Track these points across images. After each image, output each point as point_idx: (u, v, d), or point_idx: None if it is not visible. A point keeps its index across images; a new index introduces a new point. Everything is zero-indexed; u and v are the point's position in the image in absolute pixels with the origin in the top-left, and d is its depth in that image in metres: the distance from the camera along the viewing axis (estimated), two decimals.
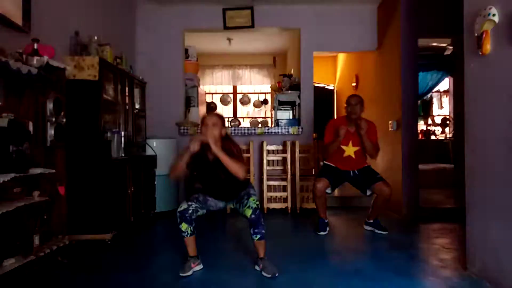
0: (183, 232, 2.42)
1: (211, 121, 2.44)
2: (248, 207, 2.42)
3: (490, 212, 2.23)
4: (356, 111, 3.37)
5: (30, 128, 2.35)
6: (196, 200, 2.49)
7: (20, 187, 2.33)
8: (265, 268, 2.42)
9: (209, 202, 2.56)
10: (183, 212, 2.39)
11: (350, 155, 3.45)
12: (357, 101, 3.39)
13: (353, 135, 3.42)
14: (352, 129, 3.42)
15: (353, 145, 3.43)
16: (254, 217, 2.39)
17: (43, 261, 2.38)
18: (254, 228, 2.41)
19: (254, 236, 2.43)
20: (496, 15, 2.13)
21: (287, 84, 5.29)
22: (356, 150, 3.44)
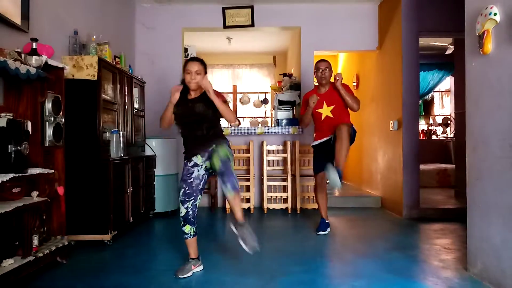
0: (186, 233, 2.43)
1: (194, 68, 2.38)
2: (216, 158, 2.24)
3: (491, 212, 2.22)
4: (326, 75, 3.44)
5: (29, 128, 2.34)
6: (186, 195, 2.40)
7: (19, 187, 2.32)
8: (243, 238, 2.23)
9: (192, 177, 2.42)
10: (185, 217, 2.41)
11: (327, 116, 3.44)
12: (326, 66, 3.46)
13: (325, 96, 3.46)
14: (324, 91, 3.47)
15: (327, 105, 3.44)
16: (222, 166, 2.21)
17: (42, 261, 2.38)
18: (223, 177, 2.21)
19: (225, 187, 2.21)
20: (497, 15, 2.12)
21: (287, 84, 5.27)
22: (332, 108, 3.43)
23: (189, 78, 2.38)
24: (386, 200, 4.75)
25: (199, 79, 2.38)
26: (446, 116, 7.90)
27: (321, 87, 3.50)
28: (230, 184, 2.21)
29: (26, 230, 2.31)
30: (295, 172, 4.57)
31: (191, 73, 2.38)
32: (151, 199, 4.19)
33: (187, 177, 2.44)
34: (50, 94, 2.54)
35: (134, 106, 3.98)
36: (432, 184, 6.28)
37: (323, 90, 3.49)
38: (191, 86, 2.41)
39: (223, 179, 2.22)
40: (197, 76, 2.38)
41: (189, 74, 2.38)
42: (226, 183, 2.22)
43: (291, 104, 5.22)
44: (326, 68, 3.45)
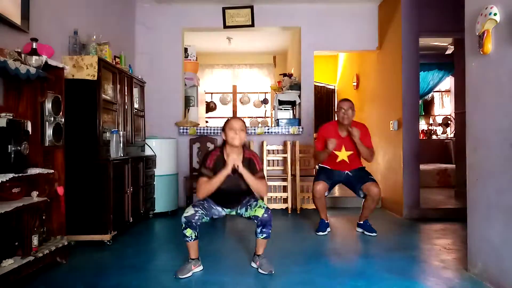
0: (187, 237, 2.39)
1: (238, 125, 2.42)
2: (259, 207, 2.42)
3: (491, 212, 2.22)
4: (348, 115, 3.36)
5: (29, 128, 2.33)
6: (202, 206, 2.43)
7: (18, 187, 2.32)
8: (262, 265, 2.44)
9: (213, 210, 2.53)
10: (189, 218, 2.34)
11: (343, 160, 3.46)
12: (349, 106, 3.37)
13: (345, 140, 3.42)
14: (344, 134, 3.42)
15: (346, 149, 3.43)
16: (267, 216, 2.40)
17: (42, 261, 2.38)
18: (263, 228, 2.41)
19: (260, 235, 2.43)
20: (497, 15, 2.12)
21: (287, 84, 5.27)
22: (350, 154, 3.44)
23: (233, 134, 2.39)
24: (386, 200, 4.75)
25: (243, 136, 2.41)
26: (446, 116, 7.90)
27: (341, 127, 3.42)
28: (267, 235, 2.44)
29: (26, 230, 2.31)
30: (295, 172, 4.57)
31: (235, 130, 2.40)
32: (151, 199, 4.19)
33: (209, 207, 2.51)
34: (50, 94, 2.53)
35: (134, 106, 3.98)
36: (432, 184, 6.27)
37: (343, 133, 3.42)
38: (235, 143, 2.39)
39: (263, 228, 2.42)
40: (241, 133, 2.40)
41: (232, 130, 2.40)
42: (263, 232, 2.43)
43: (291, 104, 5.22)
44: (349, 109, 3.35)
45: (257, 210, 2.42)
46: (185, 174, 4.90)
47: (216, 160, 2.44)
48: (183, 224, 2.36)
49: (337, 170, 3.50)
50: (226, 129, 2.43)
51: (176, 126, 4.94)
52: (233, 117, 2.54)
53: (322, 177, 3.46)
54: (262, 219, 2.39)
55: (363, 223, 3.49)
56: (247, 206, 2.50)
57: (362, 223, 3.50)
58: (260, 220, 2.40)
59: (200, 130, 4.90)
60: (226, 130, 2.43)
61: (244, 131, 2.42)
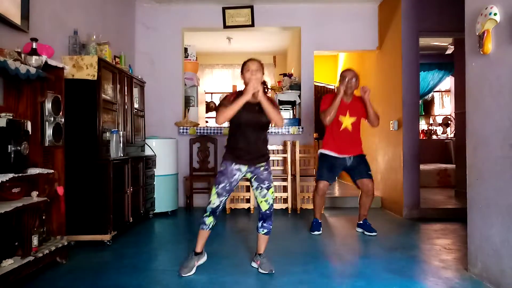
0: (205, 224, 2.44)
1: (254, 66, 2.42)
2: (266, 200, 2.47)
3: (491, 212, 2.22)
4: (352, 85, 3.34)
5: (29, 128, 2.33)
6: (225, 191, 2.44)
7: (18, 187, 2.32)
8: (262, 265, 2.46)
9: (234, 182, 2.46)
10: (216, 208, 2.43)
11: (347, 128, 3.40)
12: (353, 75, 3.34)
13: (350, 106, 3.40)
14: (348, 100, 3.40)
15: (350, 115, 3.40)
16: (269, 212, 2.48)
17: (42, 262, 2.37)
18: (264, 222, 2.48)
19: (261, 229, 2.50)
20: (497, 15, 2.12)
21: (287, 84, 5.28)
22: (353, 121, 3.41)
23: (249, 75, 2.40)
24: (386, 200, 4.75)
25: (259, 76, 2.41)
26: (446, 116, 7.90)
27: (344, 96, 3.38)
28: (267, 230, 2.50)
29: (25, 230, 2.31)
30: (295, 172, 4.57)
31: (251, 71, 2.41)
32: (151, 199, 4.19)
33: (231, 176, 2.46)
34: (50, 94, 2.53)
35: (134, 106, 3.98)
36: (432, 184, 6.27)
37: (347, 100, 3.40)
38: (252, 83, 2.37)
39: (263, 222, 2.49)
40: (257, 73, 2.40)
41: (249, 71, 2.41)
42: (264, 227, 2.50)
43: (291, 104, 5.22)
44: (353, 78, 3.33)
45: (262, 203, 2.48)
46: (185, 174, 4.90)
47: (237, 95, 2.45)
48: (208, 212, 2.43)
49: (340, 156, 3.41)
50: (243, 71, 2.45)
51: (176, 126, 4.94)
52: (250, 58, 2.52)
53: (325, 175, 3.44)
54: (264, 214, 2.48)
55: (363, 223, 3.50)
56: (260, 186, 2.48)
57: (362, 222, 3.50)
58: (261, 214, 2.49)
59: (200, 130, 4.90)
60: (244, 72, 2.45)
61: (260, 71, 2.42)
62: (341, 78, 3.39)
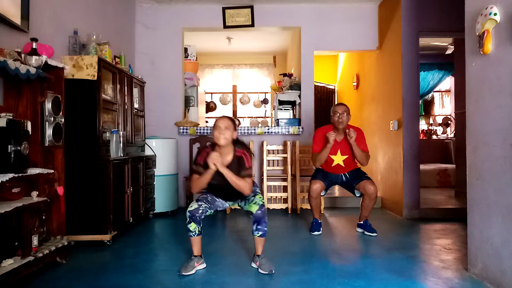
0: (190, 231, 2.46)
1: (223, 124, 2.42)
2: (254, 203, 2.48)
3: (491, 212, 2.22)
4: (343, 120, 3.33)
5: (29, 128, 2.33)
6: (205, 200, 2.51)
7: (18, 187, 2.32)
8: (262, 265, 2.46)
9: (216, 202, 2.60)
10: (193, 212, 2.42)
11: (339, 164, 3.45)
12: (344, 110, 3.33)
13: (341, 144, 3.41)
14: (339, 139, 3.41)
15: (341, 153, 3.42)
16: (260, 213, 2.45)
17: (42, 262, 2.37)
18: (258, 225, 2.47)
19: (256, 232, 2.48)
20: (498, 15, 2.12)
21: (287, 84, 5.28)
22: (345, 158, 3.43)
23: (217, 133, 2.41)
24: (386, 200, 4.75)
25: (228, 135, 2.42)
26: (446, 116, 7.90)
27: (336, 132, 3.39)
28: (262, 232, 2.49)
29: (25, 230, 2.31)
30: (295, 172, 4.57)
31: (219, 128, 2.41)
32: (151, 199, 4.19)
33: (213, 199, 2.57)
34: (50, 94, 2.53)
35: (134, 106, 3.98)
36: (432, 184, 6.28)
37: (339, 137, 3.40)
38: (220, 142, 2.41)
39: (257, 225, 2.47)
40: (226, 132, 2.41)
41: (217, 129, 2.42)
42: (258, 230, 2.48)
43: (291, 104, 5.23)
44: (344, 113, 3.32)
45: (252, 206, 2.48)
46: (185, 174, 4.90)
47: (206, 157, 2.46)
48: (188, 218, 2.44)
49: (333, 173, 3.52)
50: (213, 129, 2.47)
51: (176, 126, 4.94)
52: (221, 116, 2.53)
53: (319, 177, 3.47)
54: (256, 215, 2.45)
55: (363, 223, 3.50)
56: (246, 200, 2.55)
57: (362, 223, 3.50)
58: (254, 217, 2.47)
59: (200, 130, 4.90)
60: (213, 130, 2.46)
61: (229, 130, 2.42)
62: (332, 114, 3.39)
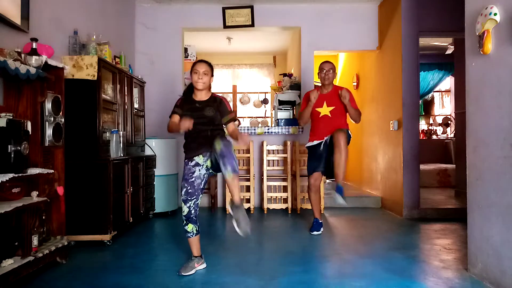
0: (188, 232, 2.47)
1: (202, 68, 2.44)
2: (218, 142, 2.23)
3: (491, 212, 2.22)
4: (329, 76, 3.45)
5: (29, 128, 2.33)
6: (188, 194, 2.43)
7: (18, 187, 2.32)
8: (238, 222, 2.22)
9: (195, 180, 2.44)
10: (188, 215, 2.44)
11: (326, 114, 3.45)
12: (330, 67, 3.47)
13: (327, 96, 3.47)
14: (325, 92, 3.48)
15: (327, 105, 3.45)
16: (223, 147, 2.19)
17: (42, 262, 2.37)
18: (223, 159, 2.18)
19: (225, 169, 2.19)
20: (498, 15, 2.12)
21: (288, 84, 5.27)
22: (332, 109, 3.44)
23: (197, 78, 2.43)
24: (386, 200, 4.75)
25: (206, 79, 2.45)
26: (446, 116, 7.90)
27: (323, 88, 3.51)
28: (230, 167, 2.19)
29: (25, 230, 2.31)
30: (295, 172, 4.57)
31: (198, 73, 2.44)
32: (151, 199, 4.19)
33: (189, 177, 2.47)
34: (50, 94, 2.53)
35: (134, 106, 3.98)
36: (432, 184, 6.27)
37: (325, 91, 3.50)
38: (198, 86, 2.45)
39: (224, 161, 2.19)
40: (204, 77, 2.44)
41: (196, 73, 2.44)
42: (226, 165, 2.18)
43: (291, 104, 5.22)
44: (330, 69, 3.47)
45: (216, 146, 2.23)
46: None
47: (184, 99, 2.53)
48: (184, 220, 2.46)
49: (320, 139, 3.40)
50: (191, 72, 2.47)
51: None
52: (199, 60, 2.51)
53: (314, 164, 3.44)
54: (220, 152, 2.20)
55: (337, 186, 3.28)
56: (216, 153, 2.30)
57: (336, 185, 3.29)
58: (219, 155, 2.20)
59: None
60: (191, 73, 2.46)
61: (208, 75, 2.45)
62: (319, 70, 3.51)
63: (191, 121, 2.32)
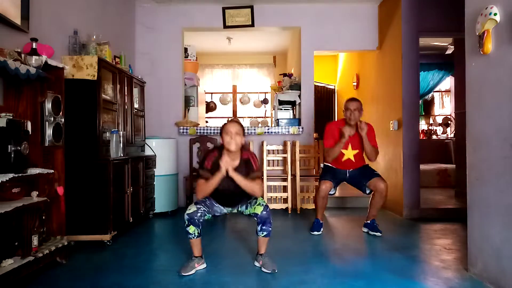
0: (190, 234, 2.45)
1: (234, 129, 2.41)
2: (258, 204, 2.49)
3: (491, 212, 2.22)
4: (355, 116, 3.35)
5: (29, 128, 2.33)
6: (204, 204, 2.50)
7: (18, 187, 2.32)
8: (265, 264, 2.47)
9: (215, 207, 2.58)
10: (191, 215, 2.42)
11: (349, 158, 3.46)
12: (356, 106, 3.34)
13: (352, 139, 3.43)
14: (350, 133, 3.41)
15: (352, 148, 3.44)
16: (265, 213, 2.46)
17: (42, 262, 2.37)
18: (263, 225, 2.47)
19: (261, 232, 2.49)
20: (498, 15, 2.12)
21: (287, 84, 5.28)
22: (356, 153, 3.45)
23: (229, 139, 2.40)
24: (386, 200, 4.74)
25: (238, 140, 2.41)
26: (446, 116, 7.90)
27: (347, 127, 3.39)
28: (267, 232, 2.49)
29: (25, 230, 2.31)
30: (295, 172, 4.57)
31: (230, 134, 2.40)
32: (151, 199, 4.19)
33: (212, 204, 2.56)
34: (50, 94, 2.53)
35: (134, 106, 3.98)
36: (432, 184, 6.27)
37: (350, 132, 3.39)
38: (231, 148, 2.40)
39: (262, 225, 2.47)
40: (237, 137, 2.40)
41: (228, 135, 2.40)
42: (263, 230, 2.48)
43: (291, 104, 5.22)
44: (356, 110, 3.33)
45: (256, 208, 2.49)
46: (185, 174, 4.90)
47: (214, 162, 2.45)
48: (186, 221, 2.43)
49: (342, 169, 3.50)
50: (222, 133, 2.44)
51: (176, 126, 4.94)
52: (230, 120, 2.58)
53: (328, 177, 3.46)
54: (261, 216, 2.46)
55: (370, 223, 3.47)
56: (248, 203, 2.56)
57: (369, 222, 3.48)
58: (259, 218, 2.47)
59: (200, 130, 4.90)
60: (223, 135, 2.43)
61: (240, 135, 2.42)
62: (345, 109, 3.41)
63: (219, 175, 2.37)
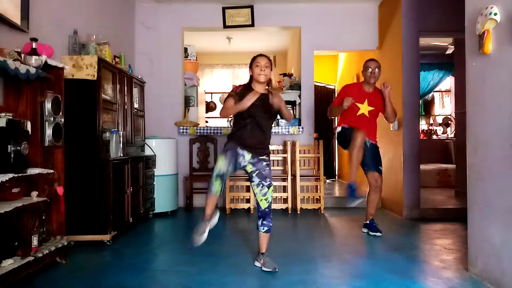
0: (211, 191, 2.40)
1: (264, 61, 2.45)
2: (265, 199, 2.50)
3: (491, 213, 2.22)
4: (375, 75, 3.40)
5: (28, 128, 2.33)
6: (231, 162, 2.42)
7: (18, 187, 2.32)
8: (265, 263, 2.49)
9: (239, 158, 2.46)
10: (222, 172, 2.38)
11: (364, 113, 3.43)
12: (376, 65, 3.41)
13: (370, 96, 3.43)
14: (369, 90, 3.43)
15: (368, 104, 3.42)
16: (268, 210, 2.51)
17: (42, 262, 2.37)
18: (264, 220, 2.51)
19: (261, 228, 2.52)
20: (498, 14, 2.11)
21: (288, 84, 5.27)
22: (371, 110, 3.43)
23: (259, 70, 2.44)
24: (386, 200, 4.75)
25: (267, 72, 2.46)
26: (447, 116, 7.90)
27: (366, 85, 3.45)
28: (268, 228, 2.53)
29: (25, 230, 2.31)
30: (295, 172, 4.57)
31: (260, 66, 2.44)
32: (151, 199, 4.19)
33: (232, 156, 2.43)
34: (50, 94, 2.53)
35: (134, 106, 3.98)
36: (432, 184, 6.27)
37: (369, 89, 3.44)
38: (261, 79, 2.44)
39: (263, 220, 2.52)
40: (266, 69, 2.45)
41: (258, 67, 2.45)
42: (264, 225, 2.52)
43: (291, 104, 5.22)
44: (376, 68, 3.41)
45: (262, 201, 2.51)
46: (185, 174, 4.90)
47: (244, 88, 2.49)
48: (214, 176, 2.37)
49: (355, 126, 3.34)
50: (252, 65, 2.48)
51: (176, 126, 4.94)
52: (260, 54, 2.55)
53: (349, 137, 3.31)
54: (263, 212, 2.51)
55: (369, 223, 3.45)
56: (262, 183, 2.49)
57: (368, 223, 3.46)
58: (260, 212, 2.52)
59: (200, 130, 4.90)
60: (253, 67, 2.47)
61: (269, 68, 2.46)
62: (364, 68, 3.45)
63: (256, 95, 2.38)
